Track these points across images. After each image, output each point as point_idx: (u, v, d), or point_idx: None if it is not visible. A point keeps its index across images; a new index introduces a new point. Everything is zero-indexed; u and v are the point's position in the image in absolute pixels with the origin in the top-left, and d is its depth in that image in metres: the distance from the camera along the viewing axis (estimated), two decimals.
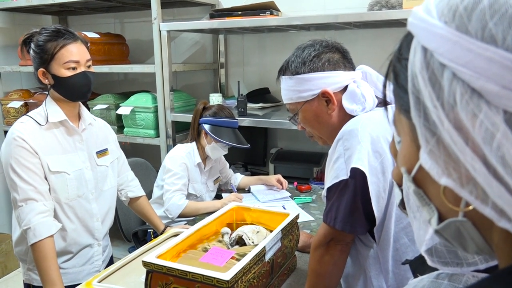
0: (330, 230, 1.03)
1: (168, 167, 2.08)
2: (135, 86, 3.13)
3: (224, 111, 2.13)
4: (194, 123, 2.16)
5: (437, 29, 0.35)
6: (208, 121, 2.10)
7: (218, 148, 2.11)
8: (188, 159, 2.11)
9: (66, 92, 1.48)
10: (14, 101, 3.02)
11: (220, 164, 2.35)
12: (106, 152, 1.65)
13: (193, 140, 2.16)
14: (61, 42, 1.43)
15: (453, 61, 0.33)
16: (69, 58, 1.44)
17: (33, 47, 1.46)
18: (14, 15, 3.27)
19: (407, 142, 0.41)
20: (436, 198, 0.39)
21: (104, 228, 1.64)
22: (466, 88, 0.33)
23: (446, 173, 0.35)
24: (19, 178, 1.40)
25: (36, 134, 1.44)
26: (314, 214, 1.93)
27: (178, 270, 1.05)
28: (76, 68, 1.46)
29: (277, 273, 1.31)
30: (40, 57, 1.44)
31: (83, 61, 1.48)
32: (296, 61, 1.15)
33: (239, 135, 2.14)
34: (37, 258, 1.39)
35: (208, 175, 2.25)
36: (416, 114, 0.37)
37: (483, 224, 0.36)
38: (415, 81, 0.36)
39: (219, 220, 1.43)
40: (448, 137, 0.34)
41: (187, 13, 2.96)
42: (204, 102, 2.19)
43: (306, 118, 1.19)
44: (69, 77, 1.45)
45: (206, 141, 2.12)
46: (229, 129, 2.10)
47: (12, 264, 2.95)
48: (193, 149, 2.15)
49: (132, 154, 2.71)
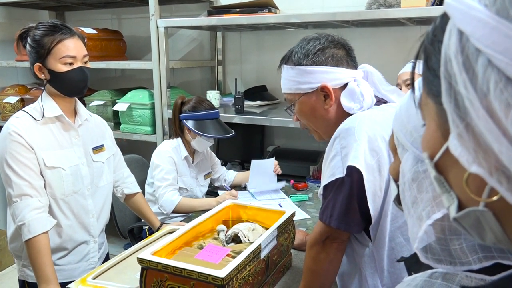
0: (326, 228, 1.03)
1: (156, 163, 2.07)
2: (132, 83, 3.12)
3: (203, 103, 2.11)
4: (174, 119, 2.14)
5: (475, 12, 0.33)
6: (189, 116, 2.08)
7: (203, 141, 2.09)
8: (174, 153, 2.10)
9: (62, 87, 1.47)
10: (10, 97, 3.00)
11: (211, 160, 2.34)
12: (102, 148, 1.64)
13: (178, 135, 2.15)
14: (58, 37, 1.42)
15: (490, 47, 0.31)
16: (65, 53, 1.43)
17: (29, 42, 1.45)
18: (11, 10, 3.25)
19: (432, 128, 0.40)
20: (457, 186, 0.38)
21: (99, 224, 1.64)
22: (501, 76, 0.31)
23: (476, 161, 0.34)
24: (14, 173, 1.39)
25: (32, 129, 1.44)
26: (310, 212, 1.93)
27: (173, 267, 1.05)
28: (73, 63, 1.45)
29: (273, 270, 1.31)
30: (36, 52, 1.43)
31: (79, 56, 1.47)
32: (299, 52, 1.14)
33: (222, 125, 2.12)
34: (32, 254, 1.39)
35: (198, 169, 2.23)
36: (447, 100, 0.35)
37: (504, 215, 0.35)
38: (448, 65, 0.35)
39: (215, 217, 1.42)
40: (481, 125, 0.32)
41: (184, 9, 2.95)
42: (181, 97, 2.16)
43: (302, 111, 1.18)
44: (65, 72, 1.44)
45: (191, 136, 2.11)
46: (211, 120, 2.08)
47: (7, 260, 2.93)
48: (179, 144, 2.13)
49: (128, 150, 2.70)
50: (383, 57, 2.41)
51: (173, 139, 2.15)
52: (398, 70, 2.03)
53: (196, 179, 2.22)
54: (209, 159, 2.32)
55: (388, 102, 1.18)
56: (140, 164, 2.48)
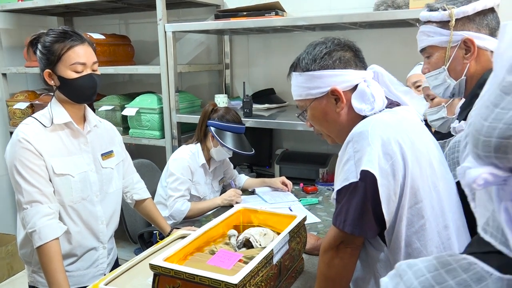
0: (340, 233, 1.02)
1: (171, 171, 2.08)
2: (140, 87, 3.13)
3: (231, 114, 2.13)
4: (201, 124, 2.16)
5: None
6: (216, 124, 2.10)
7: (222, 151, 2.12)
8: (192, 160, 2.11)
9: (72, 94, 1.48)
10: (20, 102, 3.03)
11: (224, 165, 2.35)
12: (112, 154, 1.64)
13: (199, 141, 2.16)
14: (68, 43, 1.43)
15: None
16: (75, 60, 1.43)
17: (40, 48, 1.46)
18: (19, 17, 3.28)
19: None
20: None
21: (109, 231, 1.63)
22: None
23: None
24: (24, 180, 1.40)
25: (41, 136, 1.44)
26: (320, 216, 1.92)
27: (186, 273, 1.04)
28: (82, 70, 1.45)
29: (285, 276, 1.30)
30: (46, 58, 1.44)
31: (89, 63, 1.47)
32: (307, 58, 1.14)
33: (244, 141, 2.15)
34: (43, 260, 1.39)
35: (213, 175, 2.25)
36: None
37: None
38: None
39: (225, 222, 1.42)
40: None
41: (192, 14, 2.96)
42: (213, 104, 2.19)
43: (315, 116, 1.18)
44: (75, 79, 1.44)
45: (212, 144, 2.12)
46: (235, 134, 2.10)
47: (18, 265, 2.95)
48: (198, 150, 2.14)
49: (137, 155, 2.71)
50: (391, 59, 2.39)
51: (192, 145, 2.16)
52: (406, 72, 2.02)
53: (211, 185, 2.24)
54: (222, 164, 2.33)
55: (400, 105, 1.16)
56: (149, 169, 2.48)
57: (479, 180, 0.49)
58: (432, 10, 1.21)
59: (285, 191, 2.23)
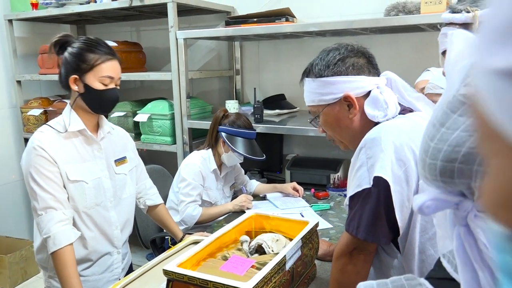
0: (353, 239, 1.02)
1: (183, 176, 2.10)
2: (152, 93, 3.16)
3: (242, 120, 2.14)
4: (213, 130, 2.17)
5: None
6: (227, 130, 2.11)
7: (234, 157, 2.12)
8: (203, 166, 2.12)
9: (94, 104, 1.51)
10: (34, 109, 3.07)
11: (235, 171, 2.35)
12: (125, 160, 1.66)
13: (210, 146, 2.17)
14: (103, 57, 1.47)
15: None
16: (106, 73, 1.48)
17: (70, 53, 1.48)
18: (33, 25, 3.34)
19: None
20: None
21: (123, 236, 1.65)
22: None
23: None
24: (39, 187, 1.42)
25: (55, 143, 1.46)
26: (332, 222, 1.91)
27: (199, 279, 1.05)
28: (109, 83, 1.50)
29: (297, 282, 1.30)
30: (76, 65, 1.46)
31: (116, 78, 1.52)
32: (320, 64, 1.14)
33: (255, 146, 2.15)
34: (58, 266, 1.41)
35: (224, 181, 2.26)
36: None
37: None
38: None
39: (238, 228, 1.42)
40: None
41: (202, 20, 2.98)
42: (224, 110, 2.20)
43: (327, 122, 1.18)
44: (101, 91, 1.48)
45: (224, 149, 2.13)
46: (246, 139, 2.11)
47: (32, 269, 2.98)
48: (209, 155, 2.16)
49: (149, 161, 2.72)
50: (401, 64, 2.38)
51: (203, 150, 2.18)
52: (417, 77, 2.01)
53: (223, 191, 2.25)
54: (233, 170, 2.34)
55: (414, 111, 1.16)
56: (161, 175, 2.50)
57: (424, 207, 0.46)
58: (454, 12, 1.20)
59: (296, 196, 2.23)
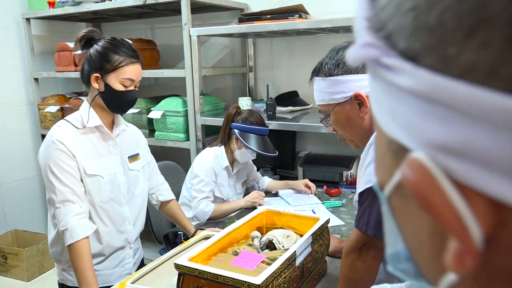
0: (362, 235, 1.02)
1: (196, 173, 2.11)
2: (166, 90, 3.18)
3: (255, 116, 2.15)
4: (225, 127, 2.18)
5: None
6: (240, 126, 2.12)
7: (246, 153, 2.13)
8: (216, 162, 2.14)
9: (112, 104, 1.53)
10: (51, 106, 3.13)
11: (248, 167, 2.36)
12: (138, 157, 1.69)
13: (223, 143, 2.19)
14: (128, 59, 1.50)
15: None
16: (128, 76, 1.50)
17: (96, 50, 1.50)
18: (50, 23, 3.40)
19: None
20: None
21: (135, 231, 1.68)
22: None
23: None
24: (58, 180, 1.45)
25: (73, 138, 1.49)
26: (344, 219, 1.91)
27: (210, 273, 1.06)
28: (129, 86, 1.52)
29: (308, 278, 1.30)
30: (100, 63, 1.49)
31: (137, 81, 1.55)
32: (329, 63, 1.14)
33: (268, 143, 2.16)
34: (74, 258, 1.44)
35: (236, 178, 2.27)
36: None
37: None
38: None
39: (249, 223, 1.43)
40: None
41: (216, 17, 3.00)
42: (236, 107, 2.21)
43: (338, 121, 1.18)
44: (121, 92, 1.51)
45: (236, 146, 2.14)
46: (259, 136, 2.11)
47: (48, 263, 3.04)
48: (222, 152, 2.17)
49: (162, 157, 2.75)
50: None
51: (216, 147, 2.19)
52: None
53: (235, 188, 2.26)
54: (246, 166, 2.35)
55: None
56: (174, 171, 2.52)
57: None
58: None
59: (309, 193, 2.23)
